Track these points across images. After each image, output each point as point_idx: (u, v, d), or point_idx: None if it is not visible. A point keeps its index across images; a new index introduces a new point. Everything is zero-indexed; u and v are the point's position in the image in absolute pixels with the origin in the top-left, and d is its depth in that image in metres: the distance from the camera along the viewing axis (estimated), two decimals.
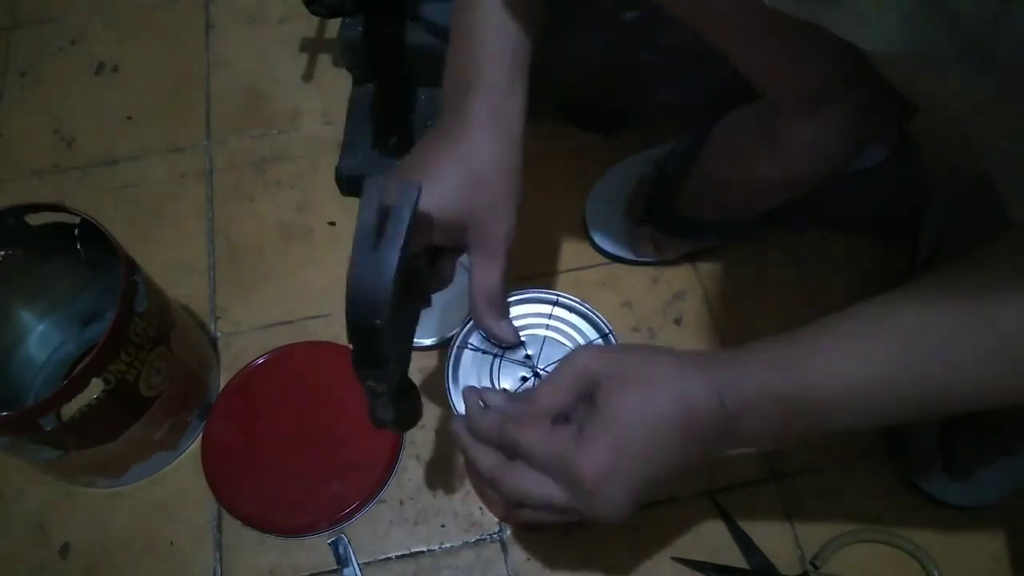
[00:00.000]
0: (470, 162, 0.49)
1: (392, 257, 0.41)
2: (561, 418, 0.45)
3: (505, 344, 0.51)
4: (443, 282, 0.52)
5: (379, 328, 0.42)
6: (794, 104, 0.59)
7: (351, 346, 0.43)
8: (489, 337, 0.51)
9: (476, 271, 0.50)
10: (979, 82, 0.36)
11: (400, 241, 0.41)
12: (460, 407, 0.49)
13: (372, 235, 0.41)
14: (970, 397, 0.42)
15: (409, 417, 0.51)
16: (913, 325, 0.42)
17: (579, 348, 0.46)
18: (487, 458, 0.46)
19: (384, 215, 0.42)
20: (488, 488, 0.46)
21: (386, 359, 0.44)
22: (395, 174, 0.50)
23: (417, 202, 0.42)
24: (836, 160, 0.63)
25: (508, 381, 0.50)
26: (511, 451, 0.45)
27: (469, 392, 0.48)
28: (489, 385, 0.50)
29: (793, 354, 0.43)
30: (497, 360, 0.51)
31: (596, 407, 0.43)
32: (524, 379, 0.50)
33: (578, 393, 0.45)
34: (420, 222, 0.46)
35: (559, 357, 0.50)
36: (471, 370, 0.50)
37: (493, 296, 0.50)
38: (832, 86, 0.57)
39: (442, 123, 0.52)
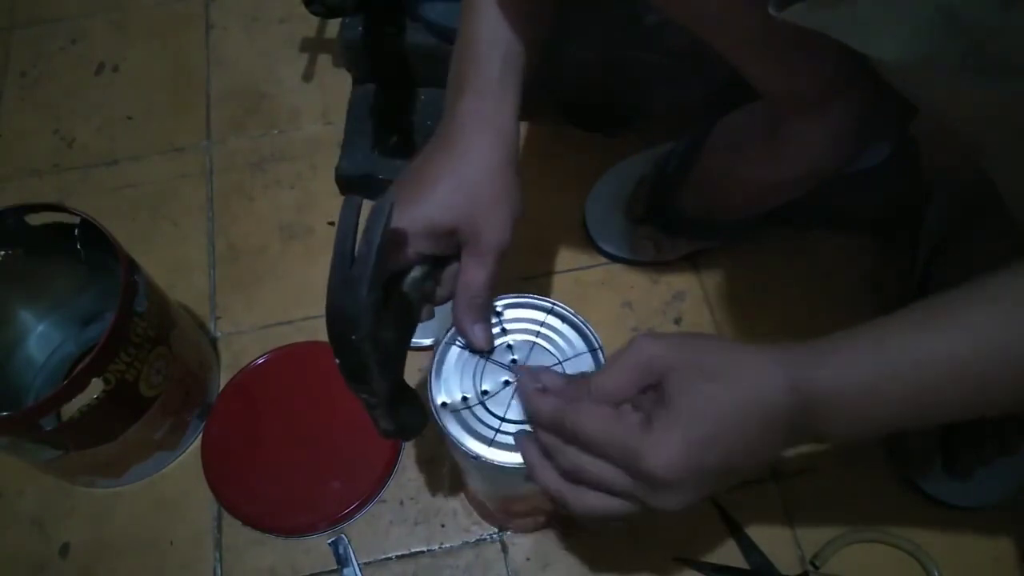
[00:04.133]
0: (460, 168, 0.49)
1: (364, 273, 0.42)
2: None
3: (476, 350, 0.51)
4: (448, 291, 0.52)
5: (357, 343, 0.43)
6: (795, 106, 0.59)
7: (337, 362, 0.44)
8: (463, 340, 0.51)
9: (463, 271, 0.50)
10: (984, 87, 0.36)
11: (372, 258, 0.42)
12: (438, 400, 0.49)
13: (348, 254, 0.43)
14: None
15: (409, 426, 0.51)
16: (978, 315, 0.40)
17: (642, 336, 0.43)
18: (549, 433, 0.44)
19: (361, 233, 0.43)
20: (542, 463, 0.44)
21: (369, 373, 0.44)
22: (392, 186, 0.51)
23: (389, 218, 0.43)
24: (837, 161, 0.63)
25: (490, 383, 0.50)
26: (569, 438, 0.43)
27: (526, 374, 0.47)
28: (470, 384, 0.50)
29: (866, 342, 0.41)
30: (482, 361, 0.51)
31: (666, 399, 0.41)
32: (507, 383, 0.50)
33: (643, 384, 0.42)
34: (397, 237, 0.47)
35: (545, 365, 0.50)
36: (455, 368, 0.51)
37: (475, 299, 0.50)
38: (833, 88, 0.57)
39: (440, 128, 0.52)
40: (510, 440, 0.47)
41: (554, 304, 0.52)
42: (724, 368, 0.41)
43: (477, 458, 0.47)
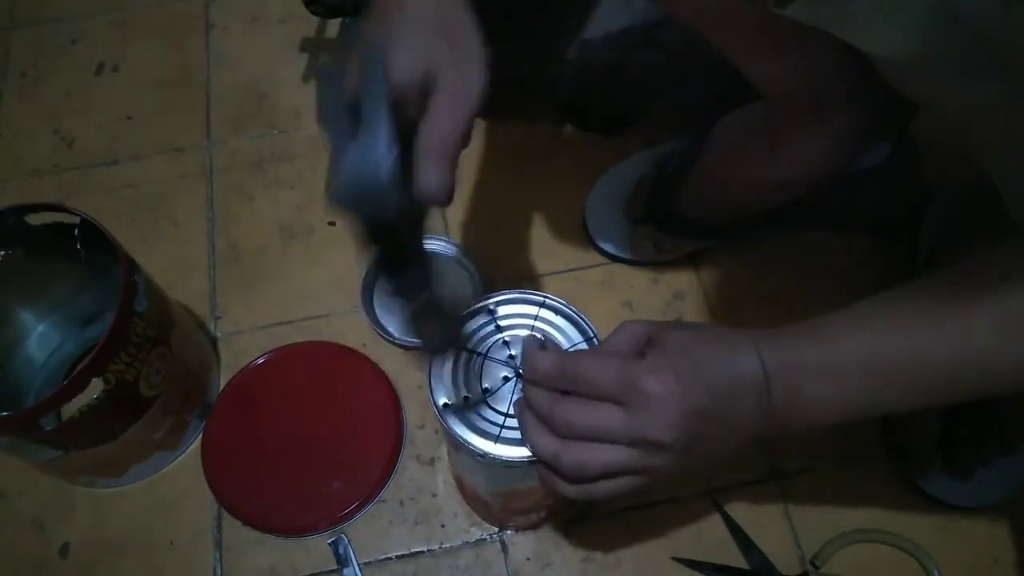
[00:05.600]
0: (422, 11, 0.43)
1: (382, 136, 0.36)
2: None
3: (430, 199, 0.41)
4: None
5: (393, 222, 0.38)
6: (796, 106, 0.59)
7: (373, 262, 0.39)
8: (420, 186, 0.41)
9: (431, 115, 0.42)
10: (986, 87, 0.36)
11: (384, 118, 0.36)
12: (440, 401, 0.49)
13: (347, 125, 0.37)
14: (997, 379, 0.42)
15: (458, 325, 0.49)
16: (930, 308, 0.43)
17: (626, 321, 0.48)
18: (541, 394, 0.46)
19: (355, 99, 0.37)
20: (537, 427, 0.46)
21: (414, 254, 0.41)
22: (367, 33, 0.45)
23: (384, 72, 0.37)
24: (837, 161, 0.63)
25: (490, 381, 0.50)
26: (570, 384, 0.45)
27: (527, 340, 0.50)
28: (471, 384, 0.50)
29: (818, 329, 0.45)
30: (480, 359, 0.51)
31: (655, 342, 0.45)
32: (506, 379, 0.50)
33: (633, 352, 0.46)
34: (395, 92, 0.41)
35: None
36: (453, 368, 0.51)
37: (446, 142, 0.41)
38: (835, 90, 0.57)
39: None
40: (515, 435, 0.48)
41: (546, 297, 0.52)
42: (698, 334, 0.46)
43: (484, 456, 0.47)
